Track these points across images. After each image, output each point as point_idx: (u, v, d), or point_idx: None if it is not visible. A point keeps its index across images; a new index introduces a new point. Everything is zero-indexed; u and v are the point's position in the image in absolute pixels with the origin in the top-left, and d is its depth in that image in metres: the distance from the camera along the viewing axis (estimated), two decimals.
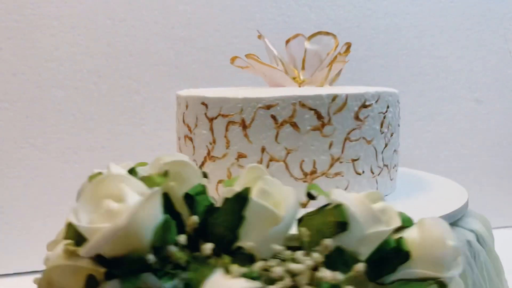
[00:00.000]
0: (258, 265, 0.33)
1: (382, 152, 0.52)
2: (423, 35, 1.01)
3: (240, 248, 0.35)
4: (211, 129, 0.49)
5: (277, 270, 0.32)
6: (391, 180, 0.55)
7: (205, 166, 0.51)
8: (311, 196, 0.38)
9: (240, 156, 0.48)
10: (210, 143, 0.50)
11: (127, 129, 0.88)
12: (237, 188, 0.36)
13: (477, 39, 1.04)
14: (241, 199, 0.35)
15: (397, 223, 0.36)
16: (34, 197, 0.85)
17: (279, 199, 0.36)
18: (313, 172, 0.48)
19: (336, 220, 0.34)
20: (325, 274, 0.32)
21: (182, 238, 0.36)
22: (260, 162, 0.48)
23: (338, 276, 0.32)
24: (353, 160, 0.50)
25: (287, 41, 0.68)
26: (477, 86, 1.04)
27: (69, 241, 0.37)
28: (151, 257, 0.35)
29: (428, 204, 0.51)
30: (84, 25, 0.86)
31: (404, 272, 0.36)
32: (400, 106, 0.57)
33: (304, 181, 0.48)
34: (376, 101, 0.51)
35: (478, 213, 0.56)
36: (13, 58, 0.84)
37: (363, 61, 0.97)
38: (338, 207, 0.35)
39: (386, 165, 0.53)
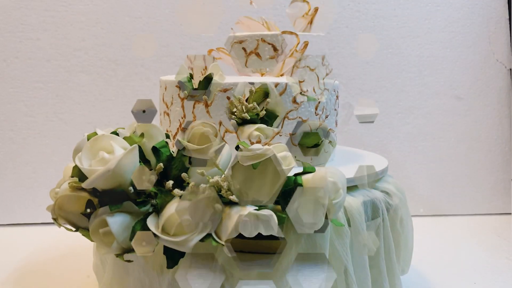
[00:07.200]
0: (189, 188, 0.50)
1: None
2: (409, 36, 1.12)
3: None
4: (183, 107, 0.66)
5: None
6: (326, 152, 0.70)
7: (178, 135, 0.68)
8: (238, 148, 0.54)
9: None
10: (182, 118, 0.67)
11: None
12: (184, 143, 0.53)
13: (461, 40, 1.13)
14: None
15: (293, 164, 0.51)
16: (60, 163, 1.04)
17: None
18: (258, 142, 0.64)
19: None
20: None
21: (153, 178, 0.53)
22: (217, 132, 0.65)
23: None
24: (291, 134, 0.66)
25: None
26: (458, 84, 1.14)
27: (74, 178, 0.54)
28: (131, 189, 0.52)
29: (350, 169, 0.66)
30: (106, 21, 1.04)
31: (301, 200, 0.51)
32: (339, 94, 0.72)
33: None
34: (313, 89, 0.66)
35: (395, 180, 0.71)
36: (48, 47, 1.03)
37: (349, 58, 1.11)
38: None
39: None
